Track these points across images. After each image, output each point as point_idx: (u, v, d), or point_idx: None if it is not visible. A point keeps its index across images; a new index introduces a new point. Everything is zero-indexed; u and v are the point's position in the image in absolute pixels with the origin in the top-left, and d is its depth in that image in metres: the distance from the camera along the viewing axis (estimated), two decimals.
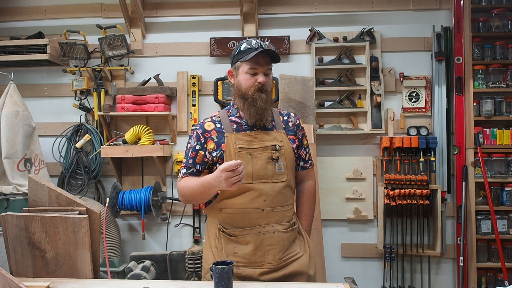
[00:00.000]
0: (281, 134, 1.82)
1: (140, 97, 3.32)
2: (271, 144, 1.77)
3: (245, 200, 1.72)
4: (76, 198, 1.73)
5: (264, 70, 1.77)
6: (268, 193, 1.73)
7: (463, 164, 3.23)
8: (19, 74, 3.43)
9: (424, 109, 3.36)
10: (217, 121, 1.83)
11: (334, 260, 3.40)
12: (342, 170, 3.37)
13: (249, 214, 1.72)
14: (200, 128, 1.81)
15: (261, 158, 1.74)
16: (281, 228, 1.75)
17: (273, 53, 1.77)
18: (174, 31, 3.54)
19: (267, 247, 1.72)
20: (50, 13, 3.60)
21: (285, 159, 1.78)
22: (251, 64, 1.75)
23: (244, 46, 1.77)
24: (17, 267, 1.69)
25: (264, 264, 1.72)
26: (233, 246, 1.74)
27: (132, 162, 3.51)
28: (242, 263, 1.72)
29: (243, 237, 1.73)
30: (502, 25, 3.24)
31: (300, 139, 1.90)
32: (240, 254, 1.72)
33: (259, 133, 1.79)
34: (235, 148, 1.74)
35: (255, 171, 1.72)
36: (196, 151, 1.79)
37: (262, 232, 1.72)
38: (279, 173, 1.75)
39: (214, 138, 1.78)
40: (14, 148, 3.01)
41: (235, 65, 1.83)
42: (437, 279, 3.34)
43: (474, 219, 3.14)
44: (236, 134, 1.77)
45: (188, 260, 2.77)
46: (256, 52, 1.71)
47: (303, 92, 3.13)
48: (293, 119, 1.91)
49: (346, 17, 3.44)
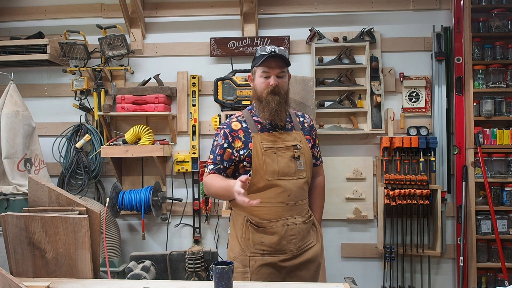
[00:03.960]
0: (300, 134, 2.00)
1: (140, 97, 3.32)
2: (292, 144, 1.93)
3: (271, 195, 1.88)
4: (76, 198, 1.73)
5: (276, 73, 1.92)
6: (291, 188, 1.89)
7: (463, 164, 3.23)
8: (19, 74, 3.43)
9: (424, 109, 3.36)
10: (242, 121, 1.98)
11: (334, 260, 3.41)
12: (342, 170, 3.37)
13: (275, 208, 1.89)
14: (228, 127, 1.96)
15: (284, 157, 1.90)
16: (301, 220, 1.93)
17: (284, 58, 1.92)
18: (174, 31, 3.54)
19: (290, 237, 1.89)
20: (50, 13, 3.60)
21: (305, 157, 1.95)
22: (264, 68, 1.92)
23: (258, 53, 1.94)
24: (17, 267, 1.69)
25: (286, 252, 1.90)
26: (260, 236, 1.90)
27: (132, 162, 3.51)
28: (268, 251, 1.89)
29: (270, 228, 1.89)
30: (502, 25, 3.24)
31: (314, 139, 2.08)
32: (267, 243, 1.89)
33: (282, 134, 1.95)
34: (261, 147, 1.88)
35: (280, 169, 1.88)
36: (223, 149, 1.93)
37: (286, 224, 1.89)
38: (300, 170, 1.92)
39: (241, 137, 1.93)
40: (14, 148, 3.01)
41: (252, 70, 2.01)
42: (437, 279, 3.34)
43: (474, 219, 3.14)
44: (261, 134, 1.93)
45: (188, 260, 2.76)
46: (266, 57, 1.88)
47: (303, 92, 3.12)
48: (308, 120, 2.10)
49: (346, 17, 3.44)
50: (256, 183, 1.87)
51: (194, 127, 3.43)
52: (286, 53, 1.95)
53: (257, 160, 1.87)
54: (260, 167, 1.86)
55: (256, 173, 1.87)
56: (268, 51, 1.89)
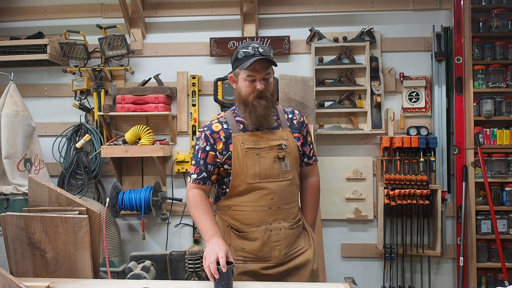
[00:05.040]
0: (287, 132, 1.85)
1: (140, 97, 3.32)
2: (277, 143, 1.79)
3: (253, 198, 1.76)
4: (76, 198, 1.73)
5: (262, 76, 1.76)
6: (275, 191, 1.76)
7: (463, 164, 3.23)
8: (19, 74, 3.43)
9: (424, 109, 3.36)
10: (223, 121, 1.84)
11: (334, 260, 3.40)
12: (342, 170, 3.37)
13: (256, 212, 1.76)
14: (208, 130, 1.82)
15: (268, 158, 1.77)
16: (287, 225, 1.79)
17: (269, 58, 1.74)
18: (174, 31, 3.54)
19: (273, 243, 1.76)
20: (50, 13, 3.60)
21: (291, 157, 1.81)
22: (249, 71, 1.75)
23: (241, 53, 1.76)
24: (17, 267, 1.69)
25: (270, 259, 1.76)
26: (241, 241, 1.78)
27: (132, 162, 3.51)
28: (250, 258, 1.77)
29: (250, 233, 1.77)
30: (502, 25, 3.24)
31: (304, 136, 1.92)
32: (248, 249, 1.77)
33: (265, 133, 1.80)
34: (242, 148, 1.76)
35: (262, 171, 1.76)
36: (206, 152, 1.80)
37: (269, 229, 1.76)
38: (285, 172, 1.79)
39: (222, 139, 1.80)
40: (14, 148, 3.01)
41: (234, 71, 1.85)
42: (437, 279, 3.34)
43: (474, 219, 3.14)
44: (242, 135, 1.79)
45: (188, 260, 2.76)
46: (253, 61, 1.70)
47: (303, 92, 3.12)
48: (297, 117, 1.93)
49: (346, 17, 3.44)
50: (237, 186, 1.76)
51: (194, 127, 3.43)
52: (270, 52, 1.78)
53: (238, 162, 1.75)
54: (241, 170, 1.74)
55: (237, 176, 1.75)
56: (252, 52, 1.73)
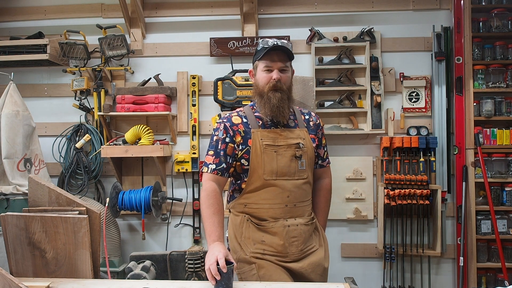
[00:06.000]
0: (304, 132, 1.89)
1: (140, 97, 3.32)
2: (295, 142, 1.83)
3: (269, 196, 1.79)
4: (76, 198, 1.73)
5: (279, 67, 1.81)
6: (290, 189, 1.80)
7: (463, 164, 3.23)
8: (19, 74, 3.43)
9: (424, 109, 3.36)
10: (243, 116, 1.88)
11: (334, 260, 3.40)
12: (342, 170, 3.37)
13: (273, 210, 1.80)
14: (228, 121, 1.85)
15: (285, 156, 1.80)
16: (303, 221, 1.84)
17: (287, 50, 1.81)
18: (174, 31, 3.54)
19: (291, 239, 1.81)
20: (50, 13, 3.60)
21: (307, 157, 1.85)
22: (266, 61, 1.81)
23: (260, 46, 1.83)
24: (17, 267, 1.69)
25: (288, 255, 1.81)
26: (261, 234, 1.82)
27: (132, 162, 3.51)
28: (269, 251, 1.81)
29: (270, 227, 1.81)
30: (502, 25, 3.24)
31: (320, 139, 1.98)
32: (268, 242, 1.81)
33: (284, 131, 1.84)
34: (261, 144, 1.78)
35: (279, 168, 1.78)
36: (226, 143, 1.82)
37: (287, 225, 1.80)
38: (301, 171, 1.83)
39: (241, 133, 1.82)
40: (14, 148, 3.00)
41: (254, 64, 1.90)
42: (437, 279, 3.34)
43: (474, 219, 3.14)
44: (262, 131, 1.82)
45: (188, 260, 2.76)
46: (267, 49, 1.77)
47: (303, 92, 3.12)
48: (313, 119, 1.98)
49: (346, 17, 3.44)
50: (253, 182, 1.79)
51: (194, 127, 3.43)
52: (289, 46, 1.83)
53: (255, 158, 1.78)
54: (258, 166, 1.77)
55: (254, 172, 1.79)
56: (271, 44, 1.79)
